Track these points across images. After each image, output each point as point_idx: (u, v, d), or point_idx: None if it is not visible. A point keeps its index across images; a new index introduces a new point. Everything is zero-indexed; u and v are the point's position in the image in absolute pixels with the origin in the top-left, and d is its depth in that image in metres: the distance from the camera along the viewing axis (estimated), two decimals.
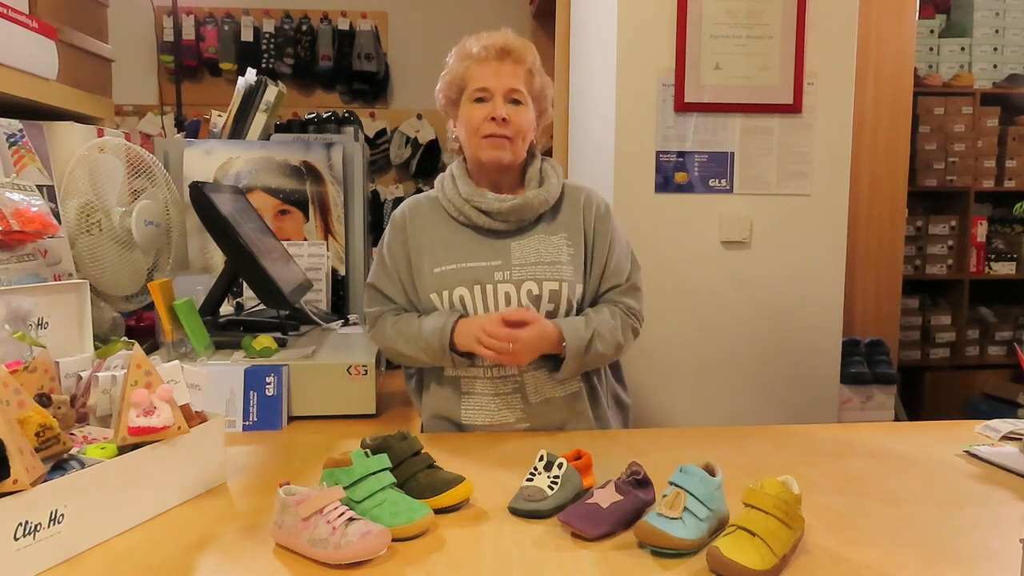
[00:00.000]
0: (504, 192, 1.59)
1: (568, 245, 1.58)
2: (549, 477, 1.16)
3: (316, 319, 2.04)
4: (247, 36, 4.67)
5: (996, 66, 4.11)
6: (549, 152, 3.44)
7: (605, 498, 1.09)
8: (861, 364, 3.20)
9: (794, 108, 2.29)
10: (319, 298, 2.21)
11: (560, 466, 1.17)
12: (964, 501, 1.21)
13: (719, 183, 2.31)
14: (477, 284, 1.54)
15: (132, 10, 4.42)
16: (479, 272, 1.55)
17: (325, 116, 2.65)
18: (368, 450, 1.13)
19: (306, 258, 2.21)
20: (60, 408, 1.17)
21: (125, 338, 1.53)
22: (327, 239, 2.25)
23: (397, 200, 4.80)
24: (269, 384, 1.59)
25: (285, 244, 2.11)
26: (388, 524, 1.03)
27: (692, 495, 1.03)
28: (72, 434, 1.18)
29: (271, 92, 2.31)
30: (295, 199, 2.24)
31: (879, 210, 3.36)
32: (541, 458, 1.19)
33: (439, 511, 1.12)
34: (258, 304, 1.97)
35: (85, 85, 2.05)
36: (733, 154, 2.31)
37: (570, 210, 1.61)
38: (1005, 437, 1.49)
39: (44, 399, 1.16)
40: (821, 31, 2.29)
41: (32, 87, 1.72)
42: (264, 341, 1.71)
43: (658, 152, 2.29)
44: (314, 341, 1.86)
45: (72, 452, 1.08)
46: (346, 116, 2.72)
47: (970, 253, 4.00)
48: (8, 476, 0.92)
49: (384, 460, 1.12)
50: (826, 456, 1.43)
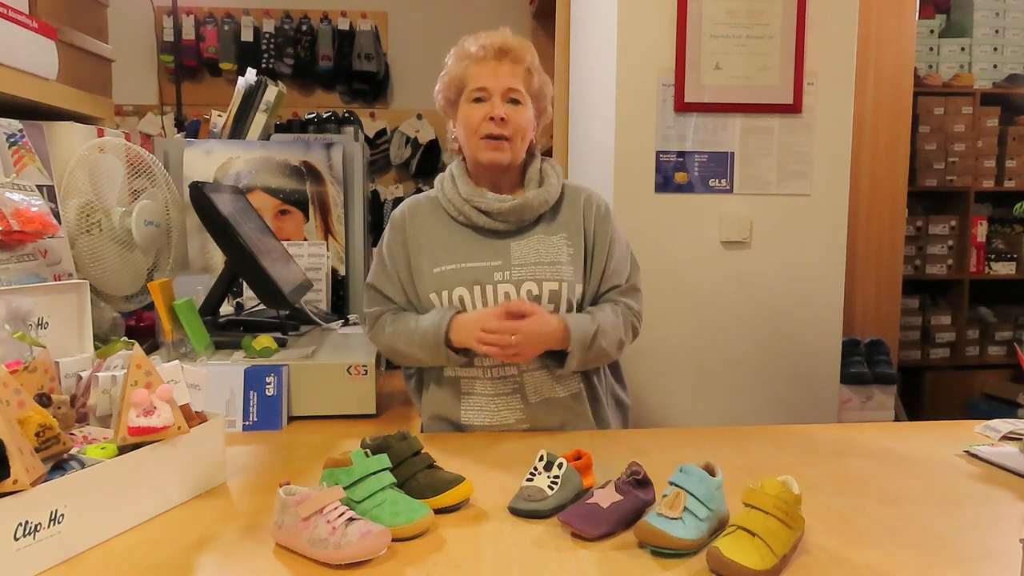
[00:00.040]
0: (504, 192, 1.59)
1: (568, 245, 1.58)
2: (549, 477, 1.16)
3: (316, 319, 2.04)
4: (247, 36, 4.67)
5: (996, 66, 4.11)
6: (549, 152, 3.44)
7: (605, 498, 1.09)
8: (861, 364, 3.20)
9: (794, 108, 2.29)
10: (319, 298, 2.21)
11: (560, 466, 1.17)
12: (964, 501, 1.21)
13: (719, 183, 2.31)
14: (477, 284, 1.54)
15: (132, 10, 4.42)
16: (479, 272, 1.54)
17: (325, 116, 2.65)
18: (368, 450, 1.13)
19: (306, 258, 2.21)
20: (60, 408, 1.17)
21: (125, 338, 1.53)
22: (327, 239, 2.25)
23: (397, 200, 4.80)
24: (269, 384, 1.59)
25: (285, 244, 2.11)
26: (388, 524, 1.03)
27: (692, 495, 1.03)
28: (72, 434, 1.18)
29: (271, 92, 2.31)
30: (295, 199, 2.24)
31: (879, 210, 3.36)
32: (541, 458, 1.19)
33: (439, 511, 1.12)
34: (258, 304, 1.97)
35: (85, 85, 2.05)
36: (733, 154, 2.31)
37: (570, 210, 1.61)
38: (1005, 437, 1.49)
39: (44, 399, 1.16)
40: (821, 31, 2.29)
41: (32, 87, 1.72)
42: (264, 341, 1.71)
43: (658, 152, 2.29)
44: (314, 341, 1.86)
45: (72, 452, 1.08)
46: (346, 116, 2.72)
47: (970, 253, 4.00)
48: (8, 476, 0.92)
49: (384, 460, 1.12)
50: (826, 456, 1.43)
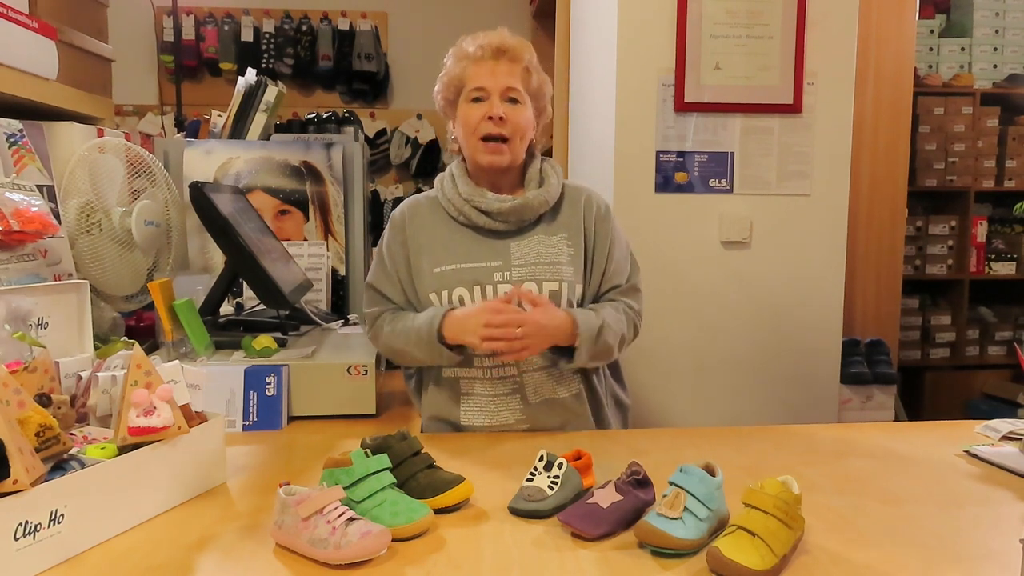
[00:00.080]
0: (504, 192, 1.59)
1: (568, 245, 1.58)
2: (549, 477, 1.16)
3: (316, 319, 2.04)
4: (247, 36, 4.67)
5: (996, 66, 4.11)
6: (549, 152, 3.44)
7: (605, 498, 1.09)
8: (861, 364, 3.20)
9: (794, 108, 2.29)
10: (319, 298, 2.21)
11: (560, 466, 1.16)
12: (964, 501, 1.21)
13: (719, 183, 2.31)
14: (477, 284, 1.54)
15: (132, 10, 4.42)
16: (479, 272, 1.54)
17: (325, 116, 2.65)
18: (368, 450, 1.13)
19: (306, 258, 2.21)
20: (60, 408, 1.17)
21: (125, 338, 1.52)
22: (327, 239, 2.25)
23: (397, 200, 4.80)
24: (269, 384, 1.59)
25: (285, 244, 2.11)
26: (388, 524, 1.03)
27: (692, 495, 1.03)
28: (72, 434, 1.18)
29: (271, 92, 2.31)
30: (295, 199, 2.24)
31: (879, 210, 3.36)
32: (541, 458, 1.18)
33: (439, 511, 1.12)
34: (258, 304, 1.97)
35: (85, 85, 2.05)
36: (733, 154, 2.31)
37: (570, 210, 1.61)
38: (1005, 437, 1.49)
39: (44, 399, 1.16)
40: (821, 31, 2.29)
41: (32, 87, 1.72)
42: (264, 341, 1.71)
43: (658, 152, 2.29)
44: (314, 341, 1.86)
45: (72, 452, 1.08)
46: (346, 116, 2.72)
47: (970, 253, 4.00)
48: (8, 476, 0.92)
49: (384, 460, 1.12)
50: (826, 456, 1.43)
